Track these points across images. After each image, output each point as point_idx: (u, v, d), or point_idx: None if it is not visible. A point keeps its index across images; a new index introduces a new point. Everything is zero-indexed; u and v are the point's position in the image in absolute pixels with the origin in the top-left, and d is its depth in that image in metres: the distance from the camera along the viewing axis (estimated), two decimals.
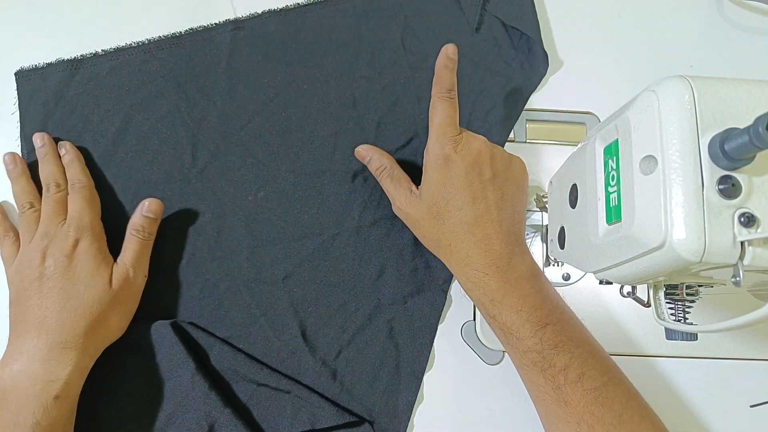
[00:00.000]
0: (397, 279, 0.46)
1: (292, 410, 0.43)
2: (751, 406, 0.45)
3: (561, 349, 0.37)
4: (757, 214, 0.26)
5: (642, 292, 0.37)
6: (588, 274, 0.47)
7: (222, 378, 0.44)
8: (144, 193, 0.47)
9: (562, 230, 0.40)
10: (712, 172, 0.26)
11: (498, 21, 0.51)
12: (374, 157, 0.45)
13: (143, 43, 0.50)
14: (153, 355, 0.43)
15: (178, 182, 0.48)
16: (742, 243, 0.26)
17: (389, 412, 0.44)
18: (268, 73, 0.50)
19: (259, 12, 0.51)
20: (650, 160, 0.28)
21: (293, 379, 0.44)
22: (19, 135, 0.48)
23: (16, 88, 0.49)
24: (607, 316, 0.47)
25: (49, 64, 0.49)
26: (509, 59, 0.51)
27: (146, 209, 0.44)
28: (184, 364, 0.42)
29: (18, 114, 0.48)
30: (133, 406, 0.43)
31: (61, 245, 0.41)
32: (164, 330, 0.43)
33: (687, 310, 0.36)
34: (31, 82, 0.49)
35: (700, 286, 0.36)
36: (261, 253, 0.47)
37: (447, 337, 0.46)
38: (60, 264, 0.40)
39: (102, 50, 0.49)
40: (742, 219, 0.26)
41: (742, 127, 0.25)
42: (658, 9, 0.53)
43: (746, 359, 0.46)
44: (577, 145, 0.39)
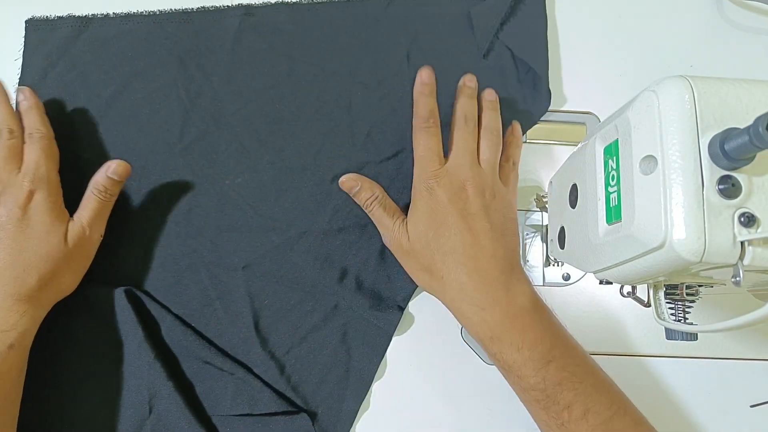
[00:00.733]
0: (357, 287, 0.46)
1: (233, 392, 0.43)
2: (751, 406, 0.45)
3: (564, 386, 0.37)
4: (757, 214, 0.26)
5: (642, 292, 0.37)
6: (588, 274, 0.47)
7: (169, 351, 0.44)
8: (127, 158, 0.46)
9: (562, 230, 0.40)
10: (712, 172, 0.26)
11: (508, 51, 0.50)
12: (365, 186, 0.43)
13: (154, 14, 0.50)
14: (104, 319, 0.44)
15: (161, 154, 0.48)
16: (742, 243, 0.26)
17: (333, 415, 0.44)
18: (269, 62, 0.50)
19: (272, 1, 0.51)
20: (650, 160, 0.28)
21: (239, 363, 0.44)
22: (17, 81, 0.49)
23: (24, 35, 0.50)
24: (607, 316, 0.47)
25: (60, 18, 0.50)
26: (512, 91, 0.50)
27: (112, 170, 0.42)
28: (133, 332, 0.43)
29: (21, 61, 0.49)
30: (78, 368, 0.43)
31: (16, 195, 0.40)
32: (118, 295, 0.43)
33: (687, 310, 0.36)
34: (39, 33, 0.50)
35: (700, 286, 0.36)
36: (225, 238, 0.47)
37: (447, 337, 0.46)
38: (13, 215, 0.39)
39: (113, 13, 0.50)
40: (742, 219, 0.26)
41: (742, 127, 0.25)
42: (658, 9, 0.53)
43: (746, 359, 0.46)
44: (577, 145, 0.39)
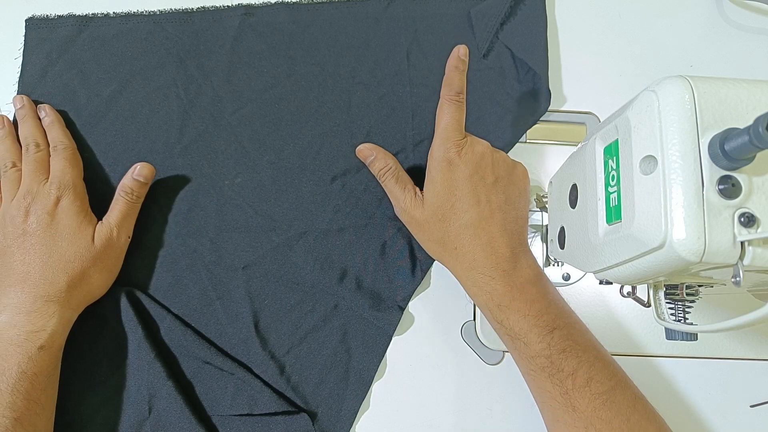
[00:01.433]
0: (357, 287, 0.46)
1: (233, 392, 0.43)
2: (751, 406, 0.45)
3: (569, 353, 0.37)
4: (757, 214, 0.26)
5: (642, 292, 0.37)
6: (588, 274, 0.47)
7: (169, 350, 0.44)
8: (126, 158, 0.47)
9: (562, 230, 0.40)
10: (712, 172, 0.26)
11: (508, 51, 0.50)
12: (379, 156, 0.44)
13: (154, 14, 0.51)
14: (104, 319, 0.44)
15: (160, 154, 0.48)
16: (742, 243, 0.26)
17: (332, 415, 0.44)
18: (269, 62, 0.50)
19: (272, 1, 0.51)
20: (650, 160, 0.28)
21: (239, 363, 0.44)
22: (17, 80, 0.49)
23: (24, 33, 0.50)
24: (607, 316, 0.47)
25: (60, 17, 0.50)
26: (512, 91, 0.50)
27: (137, 173, 0.44)
28: (133, 331, 0.43)
29: (21, 59, 0.50)
30: (78, 368, 0.43)
31: (44, 203, 0.41)
32: (118, 295, 0.44)
33: (687, 310, 0.36)
34: (39, 31, 0.50)
35: (700, 286, 0.36)
36: (225, 238, 0.47)
37: (447, 337, 0.46)
38: (42, 221, 0.41)
39: (113, 13, 0.51)
40: (742, 219, 0.26)
41: (742, 127, 0.25)
42: (658, 9, 0.53)
43: (746, 359, 0.46)
44: (577, 145, 0.39)
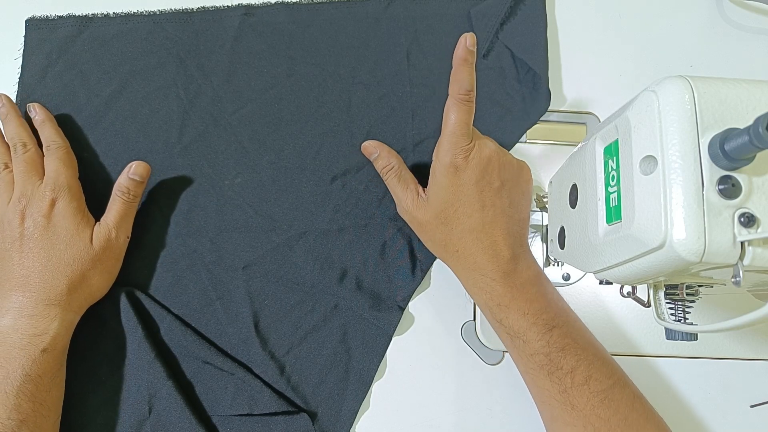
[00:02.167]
0: (357, 287, 0.46)
1: (233, 392, 0.43)
2: (751, 406, 0.45)
3: (568, 351, 0.37)
4: (757, 214, 0.26)
5: (642, 292, 0.37)
6: (588, 274, 0.47)
7: (169, 351, 0.44)
8: (126, 158, 0.47)
9: (562, 230, 0.40)
10: (712, 172, 0.26)
11: (508, 51, 0.50)
12: (383, 154, 0.44)
13: (154, 14, 0.51)
14: (104, 319, 0.44)
15: (160, 154, 0.48)
16: (742, 243, 0.26)
17: (332, 415, 0.44)
18: (269, 63, 0.50)
19: (272, 1, 0.51)
20: (650, 160, 0.28)
21: (239, 363, 0.44)
22: (17, 80, 0.49)
23: (24, 34, 0.50)
24: (607, 316, 0.47)
25: (60, 17, 0.50)
26: (512, 91, 0.50)
27: (132, 172, 0.44)
28: (133, 331, 0.43)
29: (21, 60, 0.50)
30: (78, 368, 0.43)
31: (39, 206, 0.41)
32: (118, 295, 0.44)
33: (687, 310, 0.36)
34: (39, 32, 0.50)
35: (700, 286, 0.36)
36: (225, 239, 0.47)
37: (447, 337, 0.46)
38: (39, 224, 0.41)
39: (113, 13, 0.51)
40: (742, 219, 0.26)
41: (742, 127, 0.25)
42: (658, 9, 0.53)
43: (746, 359, 0.46)
44: (577, 145, 0.39)
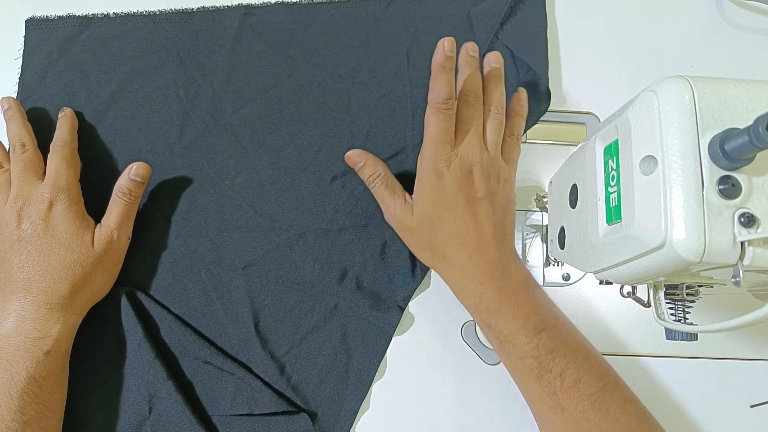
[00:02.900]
0: (357, 287, 0.46)
1: (233, 392, 0.43)
2: (751, 406, 0.45)
3: (557, 354, 0.37)
4: (757, 214, 0.26)
5: (642, 292, 0.37)
6: (588, 274, 0.47)
7: (169, 350, 0.44)
8: (126, 158, 0.47)
9: (562, 230, 0.40)
10: (712, 172, 0.26)
11: (508, 51, 0.50)
12: (368, 163, 0.44)
13: (154, 14, 0.51)
14: (104, 319, 0.44)
15: (160, 154, 0.48)
16: (742, 243, 0.26)
17: (333, 415, 0.44)
18: (269, 63, 0.50)
19: (272, 1, 0.51)
20: (650, 160, 0.28)
21: (239, 363, 0.44)
22: (17, 81, 0.49)
23: (24, 34, 0.50)
24: (607, 316, 0.47)
25: (60, 17, 0.50)
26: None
27: (133, 173, 0.44)
28: (133, 331, 0.43)
29: (21, 60, 0.50)
30: (78, 368, 0.43)
31: (37, 207, 0.41)
32: (118, 295, 0.44)
33: (687, 310, 0.36)
34: (39, 32, 0.50)
35: (700, 286, 0.36)
36: (225, 239, 0.47)
37: (447, 337, 0.46)
38: (37, 227, 0.40)
39: (113, 13, 0.51)
40: (742, 219, 0.26)
41: (742, 127, 0.25)
42: (658, 9, 0.53)
43: (746, 359, 0.46)
44: (577, 145, 0.39)
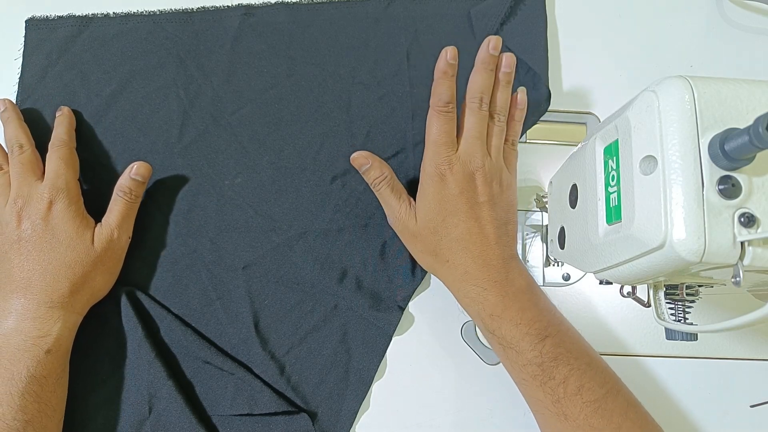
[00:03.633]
0: (357, 287, 0.46)
1: (233, 392, 0.43)
2: (751, 406, 0.45)
3: (560, 361, 0.37)
4: (757, 214, 0.26)
5: (642, 292, 0.37)
6: (588, 274, 0.47)
7: (169, 350, 0.44)
8: (126, 158, 0.47)
9: (562, 230, 0.40)
10: (712, 172, 0.26)
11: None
12: (374, 165, 0.44)
13: (154, 14, 0.51)
14: (104, 319, 0.44)
15: (160, 154, 0.48)
16: (742, 243, 0.26)
17: (333, 415, 0.44)
18: (269, 63, 0.50)
19: (272, 1, 0.51)
20: (650, 160, 0.28)
21: (239, 363, 0.44)
22: (17, 81, 0.49)
23: (24, 34, 0.50)
24: (607, 316, 0.47)
25: (60, 17, 0.50)
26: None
27: (134, 172, 0.44)
28: (133, 331, 0.43)
29: (21, 60, 0.50)
30: (78, 368, 0.43)
31: (37, 207, 0.41)
32: (118, 294, 0.44)
33: (687, 310, 0.36)
34: (39, 32, 0.50)
35: (700, 286, 0.36)
36: (225, 238, 0.47)
37: (447, 337, 0.46)
38: (37, 227, 0.41)
39: (113, 13, 0.51)
40: (742, 219, 0.26)
41: (742, 127, 0.25)
42: (658, 9, 0.53)
43: (746, 359, 0.46)
44: (577, 145, 0.39)
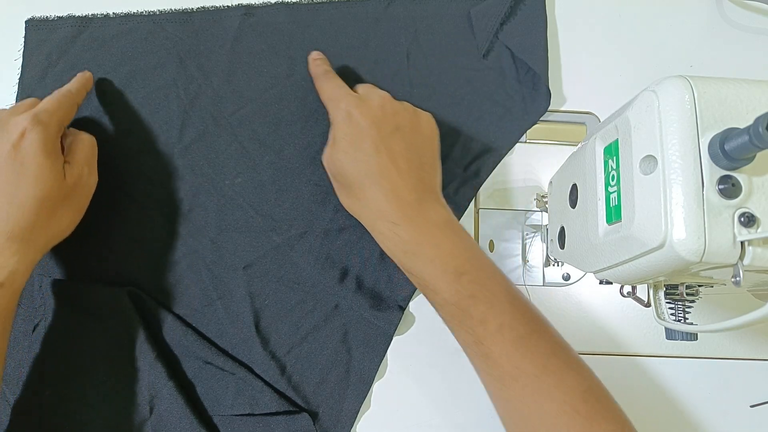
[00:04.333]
0: (358, 287, 0.46)
1: (234, 392, 0.43)
2: (751, 406, 0.45)
3: (478, 299, 0.36)
4: (757, 214, 0.26)
5: (642, 292, 0.37)
6: (588, 274, 0.47)
7: (170, 351, 0.44)
8: (125, 158, 0.47)
9: (562, 230, 0.40)
10: (712, 172, 0.26)
11: (507, 51, 0.50)
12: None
13: (154, 14, 0.51)
14: (105, 319, 0.44)
15: (160, 154, 0.48)
16: (742, 243, 0.26)
17: (333, 415, 0.44)
18: (269, 63, 0.50)
19: (272, 2, 0.51)
20: (650, 160, 0.28)
21: (240, 363, 0.44)
22: (17, 81, 0.49)
23: (24, 35, 0.50)
24: (607, 316, 0.47)
25: (60, 18, 0.50)
26: (512, 91, 0.50)
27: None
28: (134, 332, 0.43)
29: (21, 61, 0.50)
30: (79, 368, 0.43)
31: (10, 133, 0.39)
32: (119, 295, 0.44)
33: (687, 310, 0.36)
34: (39, 33, 0.50)
35: (700, 286, 0.36)
36: (226, 239, 0.47)
37: (447, 337, 0.46)
38: (6, 153, 0.39)
39: (113, 13, 0.51)
40: (742, 219, 0.26)
41: (742, 127, 0.25)
42: (658, 9, 0.53)
43: (746, 359, 0.46)
44: (577, 145, 0.39)
